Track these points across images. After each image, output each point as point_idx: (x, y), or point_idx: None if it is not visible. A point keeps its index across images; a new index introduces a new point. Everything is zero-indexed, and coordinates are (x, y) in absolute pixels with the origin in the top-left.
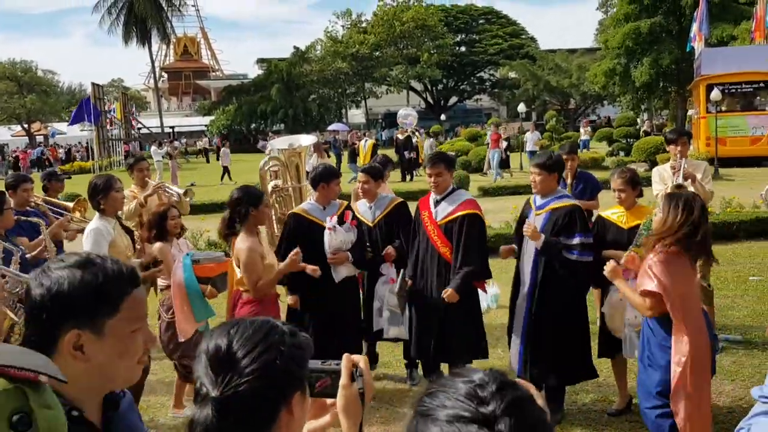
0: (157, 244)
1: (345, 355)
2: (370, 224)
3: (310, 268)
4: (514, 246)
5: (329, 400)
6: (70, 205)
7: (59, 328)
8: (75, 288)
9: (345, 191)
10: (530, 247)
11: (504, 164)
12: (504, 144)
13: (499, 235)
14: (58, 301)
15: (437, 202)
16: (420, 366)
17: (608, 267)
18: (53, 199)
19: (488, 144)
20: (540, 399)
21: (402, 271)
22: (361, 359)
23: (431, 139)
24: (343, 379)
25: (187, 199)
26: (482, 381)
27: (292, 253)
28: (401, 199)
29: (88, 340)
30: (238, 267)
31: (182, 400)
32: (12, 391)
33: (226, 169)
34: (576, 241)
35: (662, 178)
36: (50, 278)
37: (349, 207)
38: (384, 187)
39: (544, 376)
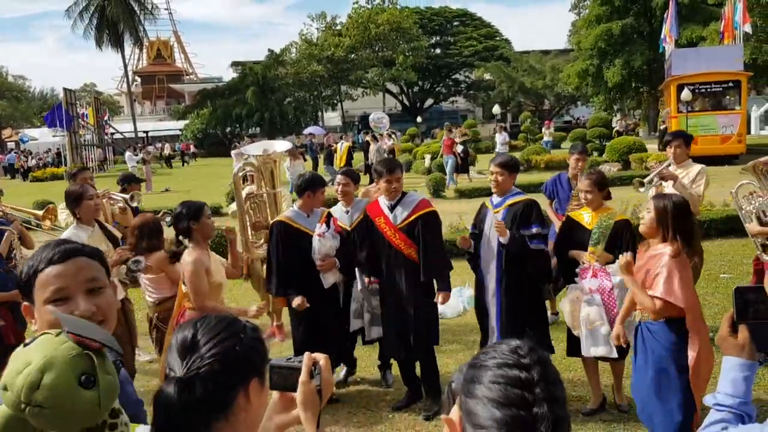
0: (156, 255)
1: (306, 353)
2: (348, 228)
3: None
4: (470, 240)
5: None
6: (40, 213)
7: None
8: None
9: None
10: (491, 248)
11: (463, 168)
12: (459, 148)
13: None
14: None
15: (392, 207)
16: (393, 368)
17: (621, 261)
18: (22, 208)
19: (441, 149)
20: None
21: (358, 272)
22: (321, 357)
23: (377, 143)
24: (303, 376)
25: (135, 204)
26: (520, 344)
27: (258, 307)
28: None
29: (33, 310)
30: (184, 283)
31: None
32: (83, 355)
33: None
34: (534, 230)
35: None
36: None
37: (330, 214)
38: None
39: None
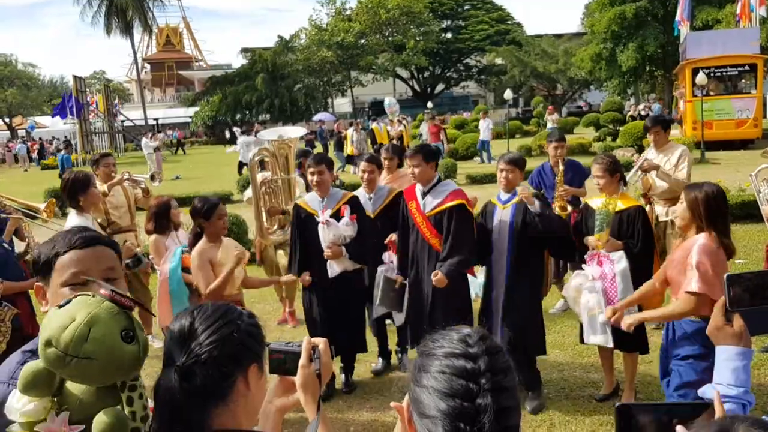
0: (153, 237)
1: (305, 338)
2: (371, 215)
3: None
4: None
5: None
6: (42, 206)
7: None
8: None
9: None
10: (501, 245)
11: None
12: (442, 136)
13: None
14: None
15: (424, 194)
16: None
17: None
18: (21, 200)
19: (422, 136)
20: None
21: (380, 272)
22: (321, 342)
23: (360, 133)
24: (302, 360)
25: (156, 183)
26: (470, 332)
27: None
28: (398, 189)
29: (47, 291)
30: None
31: None
32: (122, 313)
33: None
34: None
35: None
36: None
37: (355, 198)
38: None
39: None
